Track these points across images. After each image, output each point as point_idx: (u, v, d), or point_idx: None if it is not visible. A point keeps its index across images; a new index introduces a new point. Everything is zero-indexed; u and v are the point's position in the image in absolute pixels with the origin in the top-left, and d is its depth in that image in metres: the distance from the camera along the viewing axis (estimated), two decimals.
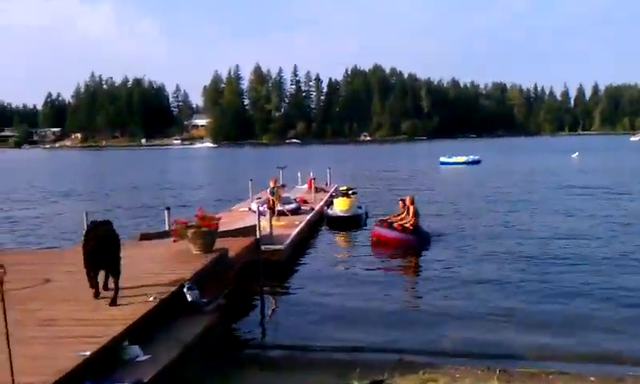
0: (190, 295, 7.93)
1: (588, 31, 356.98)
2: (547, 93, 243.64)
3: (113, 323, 6.52)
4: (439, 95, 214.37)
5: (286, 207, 19.41)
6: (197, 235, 10.04)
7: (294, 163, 43.48)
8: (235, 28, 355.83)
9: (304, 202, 22.22)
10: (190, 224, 10.19)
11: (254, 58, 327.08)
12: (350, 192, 22.34)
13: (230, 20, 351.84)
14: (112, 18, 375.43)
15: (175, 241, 10.68)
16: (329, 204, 22.79)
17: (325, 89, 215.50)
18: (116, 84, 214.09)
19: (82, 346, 5.76)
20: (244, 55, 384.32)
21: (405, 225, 16.90)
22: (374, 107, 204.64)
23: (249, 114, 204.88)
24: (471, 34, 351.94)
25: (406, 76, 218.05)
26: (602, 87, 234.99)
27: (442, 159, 60.92)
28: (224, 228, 13.46)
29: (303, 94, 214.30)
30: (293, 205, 20.32)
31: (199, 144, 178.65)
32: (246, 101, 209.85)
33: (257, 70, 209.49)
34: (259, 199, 20.85)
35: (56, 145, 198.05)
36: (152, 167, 69.62)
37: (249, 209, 19.98)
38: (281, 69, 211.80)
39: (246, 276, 12.14)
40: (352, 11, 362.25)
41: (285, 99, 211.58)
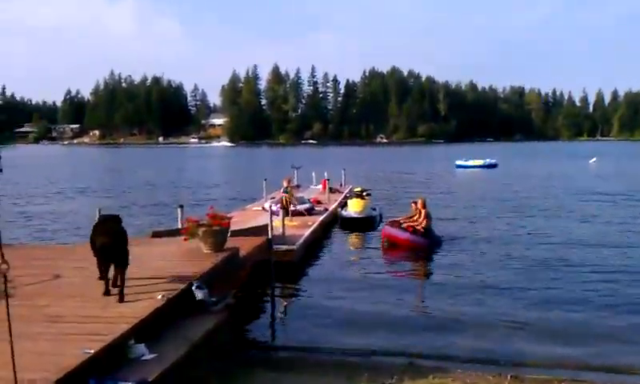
0: (199, 294, 7.89)
1: (608, 37, 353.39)
2: (566, 97, 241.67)
3: (120, 321, 6.50)
4: (457, 98, 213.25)
5: (299, 207, 19.36)
6: (207, 234, 10.00)
7: (310, 163, 43.40)
8: (254, 28, 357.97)
9: (318, 203, 22.15)
10: (201, 223, 10.16)
11: (273, 59, 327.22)
12: (365, 193, 22.23)
13: (249, 20, 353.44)
14: (132, 17, 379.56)
15: (186, 239, 10.63)
16: (343, 205, 22.70)
17: (342, 90, 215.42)
18: (135, 82, 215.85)
19: (88, 344, 5.73)
20: (262, 55, 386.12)
21: (416, 227, 16.79)
22: (391, 109, 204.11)
23: (266, 114, 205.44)
24: (489, 38, 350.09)
25: (424, 79, 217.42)
26: (622, 93, 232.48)
27: (458, 162, 60.61)
28: (237, 227, 13.43)
29: (320, 95, 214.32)
30: (306, 205, 20.26)
31: (215, 143, 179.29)
32: (264, 101, 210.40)
33: (275, 71, 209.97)
34: (273, 199, 20.82)
35: (74, 141, 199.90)
36: (169, 165, 69.95)
37: (262, 208, 19.93)
38: (299, 69, 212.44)
39: (258, 276, 12.10)
40: (370, 12, 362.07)
41: (302, 100, 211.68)
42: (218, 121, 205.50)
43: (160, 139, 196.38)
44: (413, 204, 17.70)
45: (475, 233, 19.46)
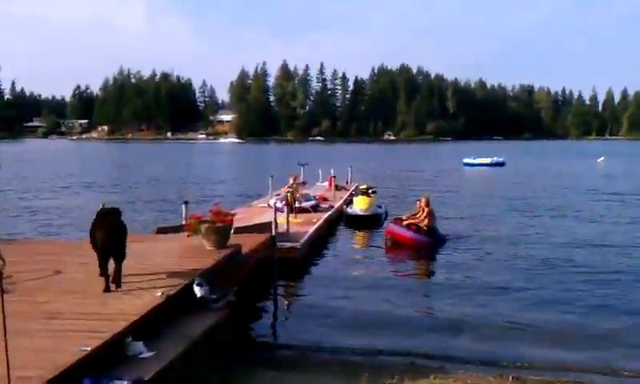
0: (200, 291, 7.84)
1: (618, 35, 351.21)
2: (575, 96, 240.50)
3: (119, 318, 6.45)
4: (466, 96, 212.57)
5: (304, 204, 19.32)
6: (210, 230, 9.94)
7: (317, 160, 43.32)
8: (264, 25, 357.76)
9: (323, 200, 22.09)
10: (204, 219, 10.11)
11: (282, 55, 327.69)
12: (370, 191, 22.14)
13: (258, 17, 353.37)
14: (142, 14, 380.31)
15: (189, 236, 10.60)
16: (348, 202, 22.64)
17: (351, 87, 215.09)
18: (144, 78, 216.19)
19: (86, 341, 5.68)
20: (271, 52, 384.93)
21: (419, 225, 16.71)
22: (400, 107, 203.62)
23: (274, 111, 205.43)
24: (500, 36, 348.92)
25: (433, 76, 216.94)
26: (632, 92, 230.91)
27: (466, 160, 60.47)
28: (242, 223, 13.42)
29: (329, 92, 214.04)
30: (312, 202, 20.20)
31: (223, 139, 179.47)
32: (272, 97, 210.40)
33: (283, 67, 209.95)
34: (278, 195, 20.79)
35: (83, 136, 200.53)
36: (177, 161, 70.03)
37: (268, 205, 19.90)
38: (307, 66, 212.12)
39: (261, 273, 12.06)
40: (379, 11, 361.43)
41: (310, 97, 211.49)
42: (227, 117, 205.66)
43: (168, 135, 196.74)
44: (417, 202, 17.63)
45: (481, 232, 19.30)
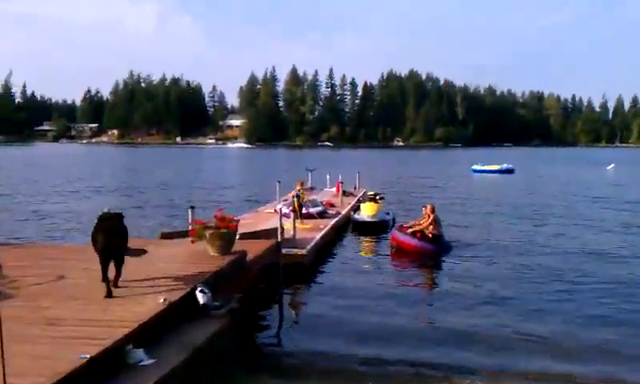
0: (202, 298, 7.79)
1: (629, 42, 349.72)
2: (585, 103, 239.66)
3: (120, 325, 6.38)
4: (475, 102, 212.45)
5: (311, 210, 19.27)
6: (215, 236, 9.88)
7: (325, 166, 43.27)
8: (273, 30, 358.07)
9: (331, 206, 22.02)
10: (209, 225, 10.06)
11: (291, 60, 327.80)
12: (378, 197, 22.10)
13: (269, 22, 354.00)
14: (153, 18, 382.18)
15: (193, 241, 10.56)
16: (356, 208, 22.57)
17: (360, 92, 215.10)
18: (154, 82, 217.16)
19: (86, 348, 5.61)
20: (281, 57, 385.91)
21: (425, 232, 16.61)
22: (409, 112, 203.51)
23: (283, 116, 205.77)
24: (509, 42, 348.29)
25: (442, 82, 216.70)
26: None
27: (475, 167, 60.25)
28: (247, 229, 13.36)
29: (338, 98, 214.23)
30: (319, 208, 20.13)
31: (231, 144, 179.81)
32: (281, 102, 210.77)
33: (293, 72, 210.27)
34: (286, 201, 20.75)
35: (92, 140, 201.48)
36: (186, 165, 70.14)
37: (275, 210, 19.85)
38: (317, 71, 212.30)
39: (266, 280, 12.00)
40: (389, 15, 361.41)
41: (319, 102, 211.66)
42: (236, 122, 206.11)
43: (178, 139, 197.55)
44: (423, 208, 17.54)
45: (488, 240, 19.08)
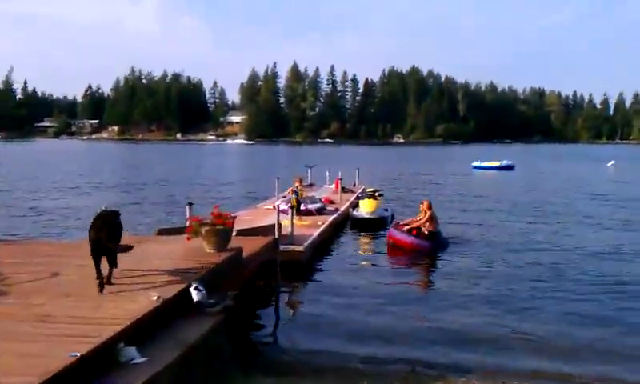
0: (197, 295, 7.71)
1: (630, 40, 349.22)
2: (586, 100, 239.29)
3: (112, 323, 6.28)
4: (476, 99, 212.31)
5: (309, 206, 19.22)
6: (210, 233, 9.81)
7: (325, 162, 43.16)
8: (274, 27, 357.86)
9: (330, 202, 21.98)
10: (205, 221, 9.99)
11: (292, 57, 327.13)
12: (377, 194, 22.07)
13: (269, 19, 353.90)
14: (154, 16, 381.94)
15: (189, 238, 10.48)
16: (354, 205, 22.52)
17: (361, 89, 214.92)
18: (155, 78, 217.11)
19: (77, 346, 5.51)
20: (282, 54, 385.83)
21: (421, 229, 16.54)
22: (409, 109, 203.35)
23: (284, 112, 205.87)
24: (510, 40, 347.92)
25: (443, 78, 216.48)
26: None
27: (475, 163, 60.27)
28: (245, 226, 13.33)
29: (339, 94, 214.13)
30: (317, 204, 20.09)
31: (230, 141, 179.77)
32: (282, 99, 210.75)
33: (294, 69, 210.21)
34: (284, 197, 20.70)
35: (93, 136, 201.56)
36: (186, 162, 70.15)
37: (273, 207, 19.79)
38: (318, 68, 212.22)
39: (263, 277, 11.94)
40: (390, 13, 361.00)
41: (320, 98, 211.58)
42: (236, 118, 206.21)
43: (178, 136, 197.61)
44: (420, 205, 17.47)
45: (486, 236, 18.99)
